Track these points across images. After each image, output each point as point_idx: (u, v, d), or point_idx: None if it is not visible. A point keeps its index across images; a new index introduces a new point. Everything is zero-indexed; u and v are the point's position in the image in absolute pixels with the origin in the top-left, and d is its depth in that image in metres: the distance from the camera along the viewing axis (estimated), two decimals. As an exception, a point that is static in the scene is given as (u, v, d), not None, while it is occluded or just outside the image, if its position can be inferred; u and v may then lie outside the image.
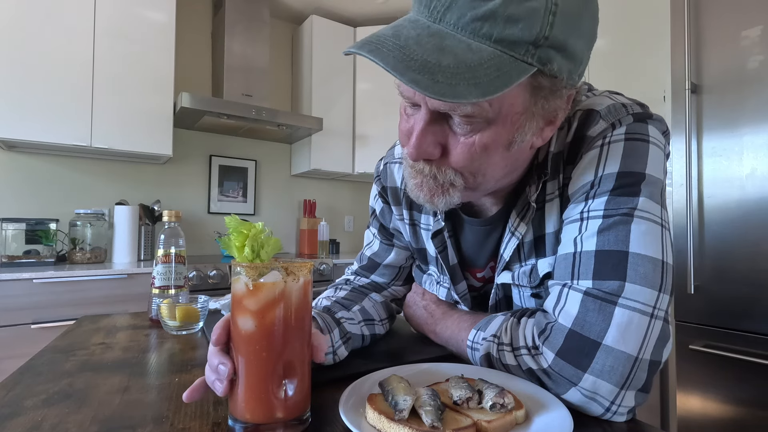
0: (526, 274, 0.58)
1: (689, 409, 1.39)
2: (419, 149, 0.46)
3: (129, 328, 0.83)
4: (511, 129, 0.46)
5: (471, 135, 0.45)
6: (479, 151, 0.46)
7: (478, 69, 0.39)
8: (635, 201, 0.48)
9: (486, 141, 0.45)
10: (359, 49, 0.41)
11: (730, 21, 1.34)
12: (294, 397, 0.40)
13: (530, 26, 0.40)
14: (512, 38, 0.40)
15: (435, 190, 0.50)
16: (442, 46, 0.40)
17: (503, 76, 0.39)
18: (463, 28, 0.40)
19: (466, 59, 0.39)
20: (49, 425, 0.41)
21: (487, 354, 0.53)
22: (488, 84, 0.39)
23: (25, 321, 1.74)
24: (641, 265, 0.46)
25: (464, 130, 0.45)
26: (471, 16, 0.40)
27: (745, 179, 1.29)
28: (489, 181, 0.51)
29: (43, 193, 2.25)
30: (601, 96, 0.55)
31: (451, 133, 0.46)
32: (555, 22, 0.40)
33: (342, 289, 0.75)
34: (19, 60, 1.91)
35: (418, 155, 0.47)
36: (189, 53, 2.66)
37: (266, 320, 0.40)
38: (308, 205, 3.00)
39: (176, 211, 0.91)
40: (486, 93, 0.39)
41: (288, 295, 0.40)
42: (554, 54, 0.42)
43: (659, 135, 0.52)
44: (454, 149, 0.47)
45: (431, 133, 0.46)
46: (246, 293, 0.40)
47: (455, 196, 0.50)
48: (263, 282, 0.40)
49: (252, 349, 0.40)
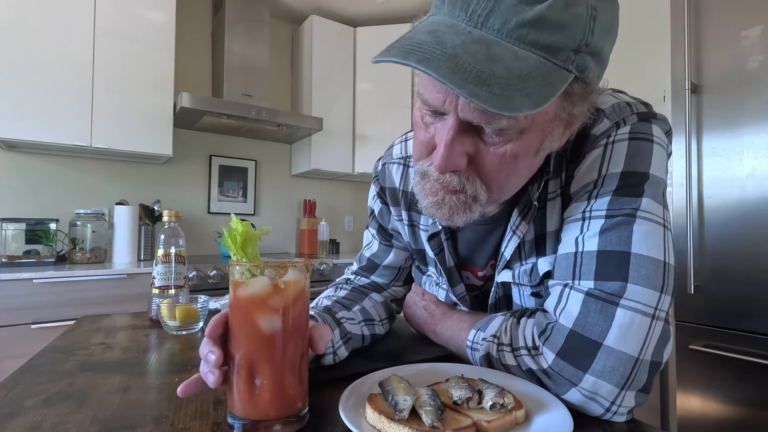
0: (526, 273, 0.58)
1: (689, 409, 1.39)
2: (448, 161, 0.44)
3: (129, 328, 0.83)
4: (541, 136, 0.45)
5: (502, 145, 0.43)
6: (509, 160, 0.44)
7: (528, 79, 0.37)
8: (638, 201, 0.48)
9: (517, 150, 0.44)
10: (404, 58, 0.37)
11: (730, 21, 1.34)
12: (292, 394, 0.41)
13: (574, 33, 0.39)
14: (557, 45, 0.39)
15: (457, 208, 0.48)
16: (490, 54, 0.37)
17: (549, 86, 0.38)
18: (508, 35, 0.38)
19: (515, 68, 0.37)
20: (49, 425, 0.41)
21: (487, 354, 0.53)
22: (538, 94, 0.37)
23: (25, 321, 1.74)
24: (643, 266, 0.46)
25: (495, 140, 0.43)
26: (517, 21, 0.38)
27: (745, 179, 1.29)
28: (512, 191, 0.50)
29: (43, 193, 2.25)
30: (605, 94, 0.54)
31: (481, 143, 0.44)
32: (595, 27, 0.39)
33: (342, 289, 0.75)
34: (19, 60, 1.91)
35: (447, 167, 0.44)
36: (189, 53, 2.66)
37: (263, 318, 0.40)
38: (308, 205, 3.00)
39: (176, 211, 0.91)
40: (538, 104, 0.37)
41: (285, 293, 0.40)
42: (590, 60, 0.41)
43: (663, 135, 0.52)
44: (484, 159, 0.45)
45: (460, 143, 0.43)
46: (242, 292, 0.40)
47: (476, 211, 0.48)
48: (260, 280, 0.40)
49: (249, 346, 0.40)
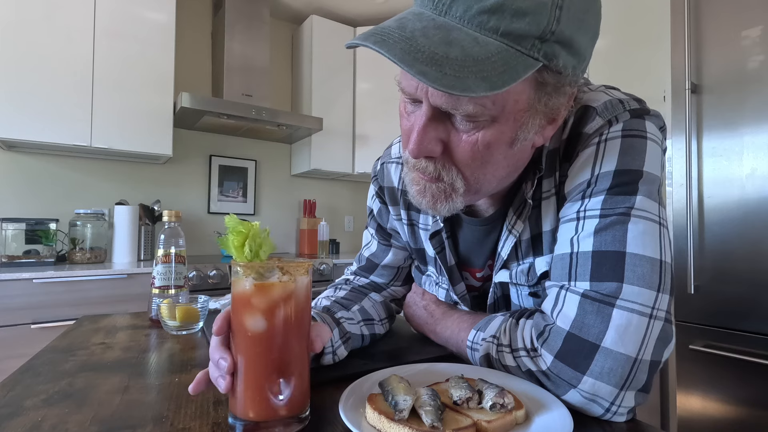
0: (523, 273, 0.58)
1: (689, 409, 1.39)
2: (420, 146, 0.45)
3: (129, 328, 0.83)
4: (514, 126, 0.45)
5: (474, 132, 0.44)
6: (482, 149, 0.45)
7: (486, 63, 0.38)
8: (632, 200, 0.48)
9: (489, 139, 0.45)
10: (364, 40, 0.40)
11: (730, 21, 1.34)
12: (293, 395, 0.40)
13: (537, 20, 0.39)
14: (519, 32, 0.39)
15: (438, 196, 0.49)
16: (448, 38, 0.39)
17: (510, 71, 0.39)
18: (470, 21, 0.40)
19: (473, 52, 0.39)
20: (49, 425, 0.41)
21: (487, 354, 0.53)
22: (496, 78, 0.38)
23: (24, 321, 1.74)
24: (639, 266, 0.45)
25: (467, 128, 0.44)
26: (477, 8, 0.39)
27: (745, 179, 1.29)
28: (491, 182, 0.50)
29: (43, 193, 2.25)
30: (597, 91, 0.54)
31: (454, 130, 0.45)
32: (561, 16, 0.40)
33: (341, 289, 0.75)
34: (20, 60, 1.91)
35: (419, 152, 0.46)
36: (189, 53, 2.66)
37: (265, 319, 0.40)
38: (308, 205, 3.00)
39: (176, 211, 0.91)
40: (494, 87, 0.38)
41: (287, 294, 0.40)
42: (560, 49, 0.41)
43: (657, 131, 0.51)
44: (457, 147, 0.46)
45: (433, 129, 0.45)
46: (245, 293, 0.40)
47: (458, 200, 0.49)
48: (262, 282, 0.40)
49: (251, 348, 0.40)
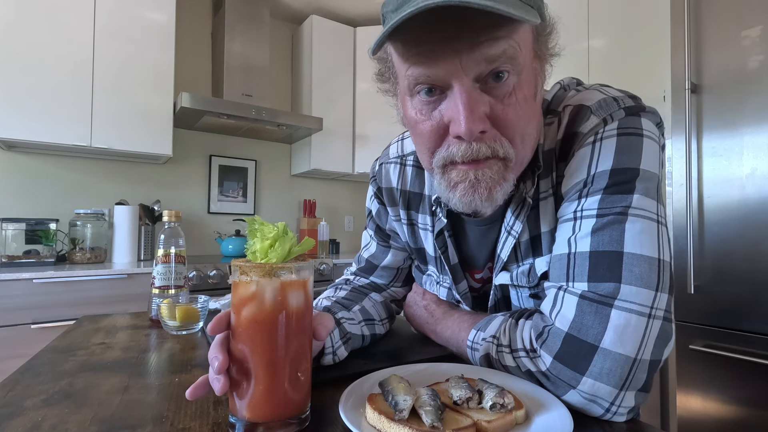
0: (524, 274, 0.58)
1: (689, 409, 1.39)
2: (474, 122, 0.44)
3: (129, 328, 0.83)
4: (533, 75, 0.48)
5: (511, 93, 0.46)
6: (522, 104, 0.47)
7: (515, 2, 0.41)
8: (629, 199, 0.47)
9: (525, 92, 0.47)
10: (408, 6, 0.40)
11: (730, 21, 1.34)
12: (294, 396, 0.40)
13: None
14: None
15: (493, 181, 0.48)
16: None
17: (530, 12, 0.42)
18: None
19: None
20: (49, 425, 0.41)
21: (487, 355, 0.53)
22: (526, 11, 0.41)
23: (24, 321, 1.74)
24: (636, 266, 0.45)
25: (503, 91, 0.45)
26: None
27: (745, 179, 1.29)
28: (531, 142, 0.51)
29: (43, 193, 2.25)
30: (591, 90, 0.54)
31: (492, 99, 0.46)
32: None
33: (342, 289, 0.75)
34: (19, 60, 1.91)
35: (475, 127, 0.44)
36: (189, 53, 2.66)
37: (266, 320, 0.40)
38: (308, 205, 3.00)
39: (176, 211, 0.91)
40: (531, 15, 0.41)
41: (289, 294, 0.40)
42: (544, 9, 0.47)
43: (653, 127, 0.51)
44: (502, 112, 0.46)
45: (477, 103, 0.45)
46: (246, 292, 0.40)
47: (510, 178, 0.49)
48: (263, 281, 0.40)
49: (251, 348, 0.40)
